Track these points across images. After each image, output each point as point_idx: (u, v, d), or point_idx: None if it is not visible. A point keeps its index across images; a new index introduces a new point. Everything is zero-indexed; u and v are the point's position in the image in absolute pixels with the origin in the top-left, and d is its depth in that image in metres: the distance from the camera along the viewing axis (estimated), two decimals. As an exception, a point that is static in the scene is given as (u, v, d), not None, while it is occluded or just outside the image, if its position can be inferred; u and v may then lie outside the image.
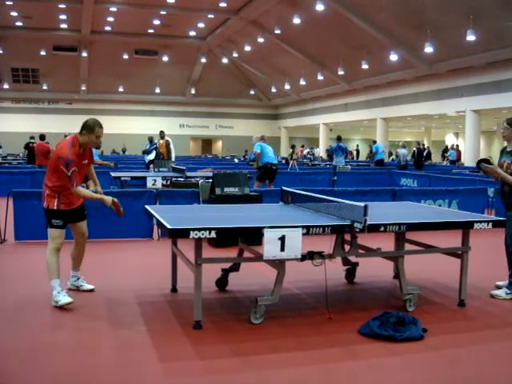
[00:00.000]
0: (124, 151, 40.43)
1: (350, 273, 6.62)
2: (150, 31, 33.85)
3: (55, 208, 5.58)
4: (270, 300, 5.00)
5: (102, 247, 8.57)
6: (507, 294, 6.02)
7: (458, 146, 34.86)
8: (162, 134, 17.58)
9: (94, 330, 4.86)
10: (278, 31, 27.85)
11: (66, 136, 17.67)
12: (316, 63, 31.48)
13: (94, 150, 13.20)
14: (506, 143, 6.29)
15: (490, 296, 6.04)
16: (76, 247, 5.98)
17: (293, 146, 33.66)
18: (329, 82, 33.25)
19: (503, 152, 6.26)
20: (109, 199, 5.64)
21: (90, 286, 6.04)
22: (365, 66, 26.90)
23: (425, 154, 28.89)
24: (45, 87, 39.76)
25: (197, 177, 12.05)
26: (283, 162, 25.04)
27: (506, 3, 18.39)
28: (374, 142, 28.59)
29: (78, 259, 6.01)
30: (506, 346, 4.69)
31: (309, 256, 5.10)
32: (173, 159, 16.90)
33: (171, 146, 17.40)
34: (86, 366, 4.10)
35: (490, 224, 5.60)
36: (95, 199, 5.83)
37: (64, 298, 5.37)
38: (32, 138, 21.30)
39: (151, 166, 16.33)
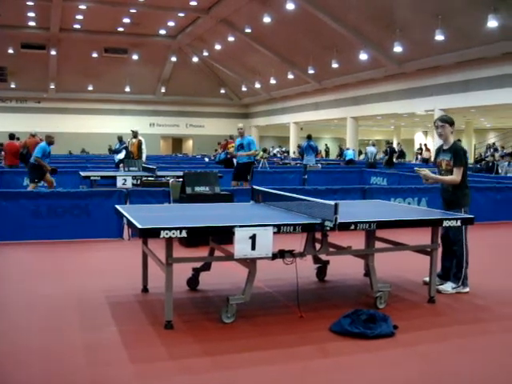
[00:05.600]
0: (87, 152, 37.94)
1: (321, 271, 6.64)
2: (120, 29, 33.60)
3: None
4: (242, 299, 4.99)
5: (72, 247, 8.48)
6: (453, 288, 6.12)
7: (426, 144, 35.26)
8: (134, 134, 17.15)
9: (63, 330, 4.79)
10: (248, 30, 27.86)
11: (33, 135, 17.41)
12: (286, 62, 31.57)
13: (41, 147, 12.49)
14: (442, 142, 6.38)
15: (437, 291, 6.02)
16: None
17: (264, 150, 33.60)
18: (299, 80, 33.37)
19: (439, 151, 6.41)
20: None
21: None
22: (335, 65, 27.11)
23: (397, 152, 29.75)
24: (13, 86, 39.08)
25: (167, 176, 11.98)
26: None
27: (475, 3, 18.67)
28: (347, 148, 30.02)
29: None
30: (475, 342, 4.76)
31: (280, 255, 5.11)
32: (143, 159, 16.68)
33: (143, 146, 17.08)
34: (55, 367, 4.04)
35: (459, 221, 5.67)
36: None
37: None
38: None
39: (121, 165, 16.13)
